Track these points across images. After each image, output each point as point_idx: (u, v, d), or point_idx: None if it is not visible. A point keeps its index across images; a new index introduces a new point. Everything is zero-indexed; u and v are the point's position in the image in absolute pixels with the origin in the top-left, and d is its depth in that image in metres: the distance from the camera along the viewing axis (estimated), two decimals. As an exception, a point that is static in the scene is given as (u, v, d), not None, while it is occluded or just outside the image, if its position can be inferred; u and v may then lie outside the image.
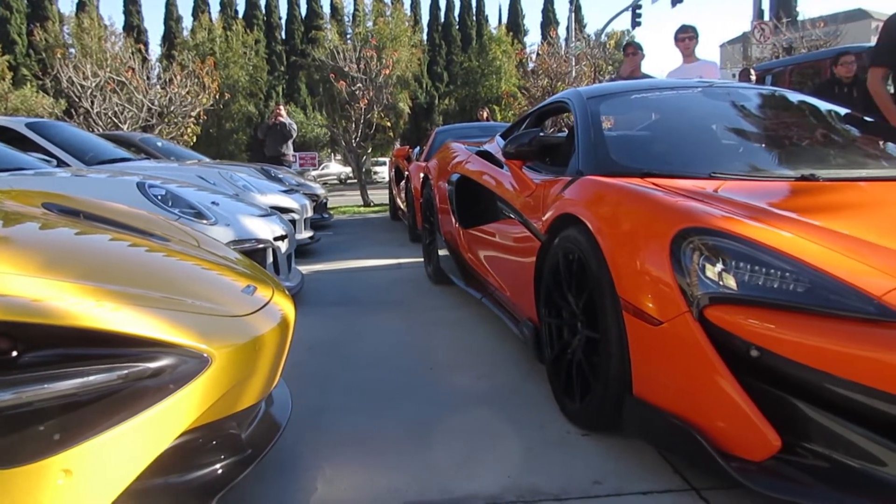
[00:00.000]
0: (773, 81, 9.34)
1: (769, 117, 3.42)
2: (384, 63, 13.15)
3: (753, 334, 1.73)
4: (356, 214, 11.68)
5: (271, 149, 11.23)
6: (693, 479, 1.94)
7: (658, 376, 1.96)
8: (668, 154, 2.92)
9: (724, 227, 1.90)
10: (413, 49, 27.04)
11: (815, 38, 16.52)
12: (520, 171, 3.22)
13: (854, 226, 1.99)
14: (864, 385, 1.62)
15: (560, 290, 2.47)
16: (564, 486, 1.93)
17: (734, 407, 1.73)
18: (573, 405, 2.33)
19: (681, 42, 6.07)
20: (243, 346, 1.69)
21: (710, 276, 1.82)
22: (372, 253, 6.58)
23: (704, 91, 3.46)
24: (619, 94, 3.49)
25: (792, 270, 1.75)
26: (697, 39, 6.11)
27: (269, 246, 4.05)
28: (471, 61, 33.58)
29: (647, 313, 1.94)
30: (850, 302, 1.67)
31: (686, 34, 6.06)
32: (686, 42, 6.05)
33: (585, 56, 15.66)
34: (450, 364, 3.08)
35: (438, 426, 2.40)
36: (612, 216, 2.24)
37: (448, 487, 1.95)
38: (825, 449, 1.68)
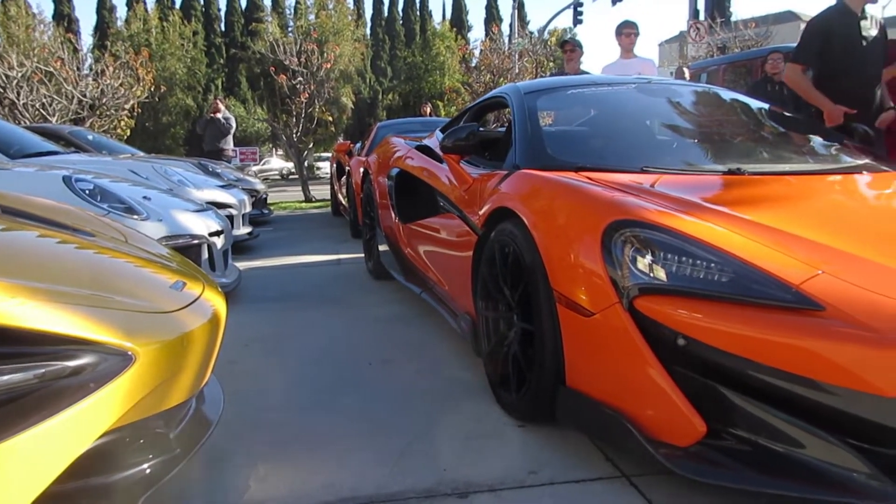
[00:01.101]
0: (708, 79, 9.60)
1: (701, 114, 3.52)
2: (325, 57, 12.99)
3: (681, 324, 1.78)
4: (297, 210, 11.52)
5: (209, 144, 11.02)
6: (624, 466, 1.98)
7: (590, 367, 1.99)
8: (602, 149, 2.97)
9: (653, 219, 1.95)
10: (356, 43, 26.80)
11: (747, 39, 17.07)
12: (457, 166, 3.23)
13: (776, 217, 2.07)
14: (784, 371, 1.68)
15: (496, 283, 2.48)
16: (500, 478, 1.94)
17: (662, 395, 1.78)
18: (509, 397, 2.35)
19: (625, 37, 6.16)
20: (170, 343, 1.64)
21: (640, 267, 1.86)
22: (312, 249, 6.50)
23: (639, 87, 3.53)
24: (555, 89, 3.53)
25: (717, 261, 1.80)
26: (638, 35, 6.22)
27: (203, 242, 3.96)
28: (414, 56, 33.47)
29: (579, 305, 1.97)
30: (770, 291, 1.73)
31: (630, 29, 6.17)
32: (629, 37, 6.16)
33: (527, 52, 15.80)
34: (388, 359, 3.06)
35: (376, 421, 2.39)
36: (545, 209, 2.26)
37: (383, 482, 1.94)
38: (749, 433, 1.74)
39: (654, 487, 1.86)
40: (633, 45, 6.21)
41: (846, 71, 4.00)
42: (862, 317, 1.64)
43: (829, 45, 4.02)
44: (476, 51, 21.33)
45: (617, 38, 6.21)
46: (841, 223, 2.16)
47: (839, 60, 4.02)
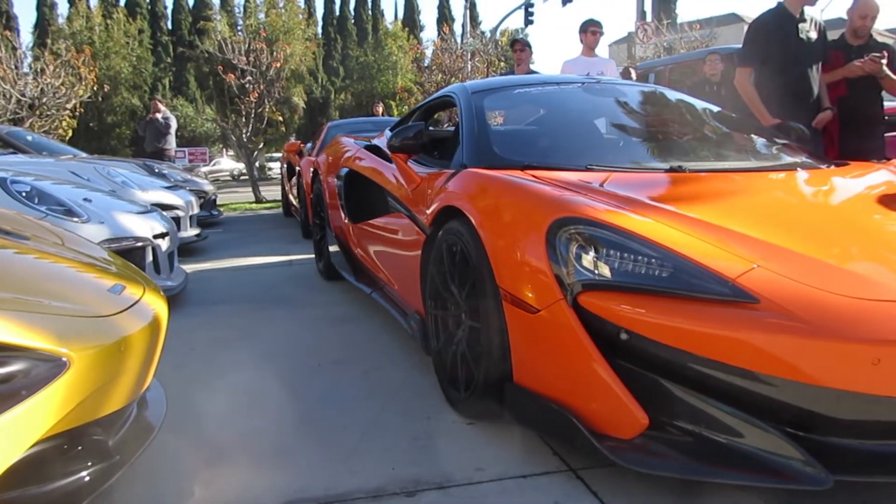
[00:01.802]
0: (656, 80, 9.78)
1: (646, 113, 3.58)
2: (275, 56, 12.83)
3: (623, 318, 1.81)
4: (248, 211, 11.36)
5: (150, 145, 10.83)
6: (571, 460, 2.00)
7: (536, 363, 2.01)
8: (548, 147, 3.01)
9: (596, 216, 1.98)
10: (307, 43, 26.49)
11: (692, 40, 17.46)
12: (405, 165, 3.23)
13: (714, 213, 2.12)
14: (722, 362, 1.73)
15: (444, 282, 2.49)
16: (448, 475, 1.95)
17: (606, 389, 1.80)
18: (458, 395, 2.36)
19: (591, 35, 6.25)
20: (107, 348, 1.61)
21: (585, 264, 1.88)
22: (262, 250, 6.42)
23: (586, 87, 3.58)
24: (502, 88, 3.56)
25: (657, 257, 1.84)
26: (602, 35, 6.34)
27: (147, 244, 3.87)
28: (367, 56, 33.28)
29: (525, 302, 1.98)
30: (708, 285, 1.78)
31: (595, 27, 6.27)
32: (595, 35, 6.26)
33: (479, 52, 15.88)
34: (339, 360, 3.04)
35: (325, 422, 2.37)
36: (491, 208, 2.28)
37: (331, 483, 1.93)
38: (690, 424, 1.78)
39: (600, 480, 1.89)
40: (597, 44, 6.32)
41: (785, 71, 4.12)
42: (794, 309, 1.69)
43: (769, 47, 4.14)
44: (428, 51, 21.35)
45: (581, 35, 6.30)
46: (776, 218, 2.22)
47: (778, 61, 4.13)
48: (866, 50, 4.27)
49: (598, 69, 5.94)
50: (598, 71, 5.91)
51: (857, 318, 1.68)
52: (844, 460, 1.70)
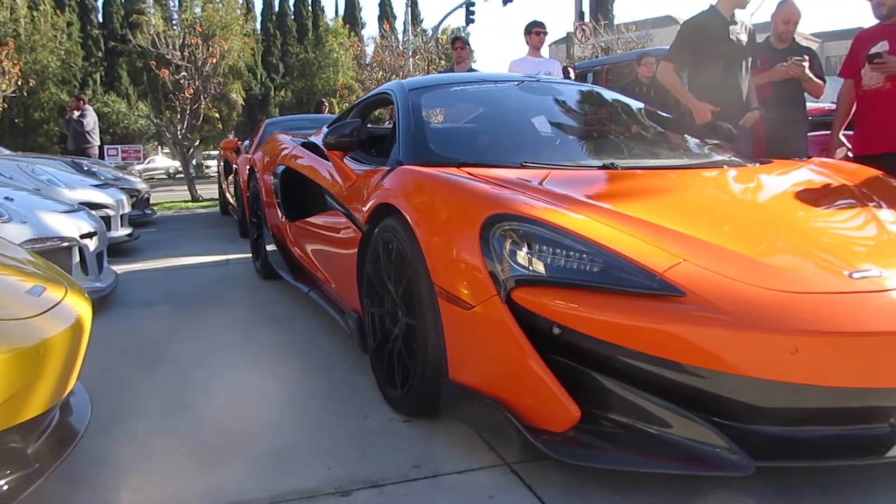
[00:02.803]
0: (593, 79, 9.96)
1: (581, 112, 3.64)
2: (211, 51, 12.53)
3: (555, 313, 1.84)
4: (183, 210, 11.08)
5: (71, 143, 10.47)
6: (507, 454, 2.02)
7: (471, 359, 2.02)
8: (484, 145, 3.03)
9: (529, 213, 2.00)
10: (246, 38, 25.95)
11: (629, 41, 17.83)
12: (341, 162, 3.20)
13: (644, 209, 2.17)
14: (651, 355, 1.77)
15: (381, 279, 2.48)
16: (383, 473, 1.94)
17: (539, 383, 1.83)
18: (395, 392, 2.35)
19: (535, 35, 6.34)
20: (25, 352, 1.54)
21: (520, 260, 1.90)
22: (198, 249, 6.27)
23: (522, 85, 3.61)
24: (440, 86, 3.56)
25: (588, 252, 1.87)
26: (546, 35, 6.44)
27: (74, 244, 3.74)
28: (307, 53, 32.84)
29: (459, 298, 1.99)
30: (637, 279, 1.82)
31: (539, 28, 6.36)
32: (539, 36, 6.35)
33: (420, 51, 15.87)
34: (275, 359, 3.00)
35: (260, 423, 2.33)
36: (426, 205, 2.28)
37: (266, 485, 1.90)
38: (621, 416, 1.82)
39: (535, 473, 1.92)
40: (542, 44, 6.41)
41: (715, 72, 4.24)
42: (718, 301, 1.75)
43: (700, 47, 4.26)
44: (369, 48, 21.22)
45: (526, 35, 6.39)
46: (703, 214, 2.28)
47: (709, 62, 4.26)
48: (790, 53, 4.44)
49: (545, 69, 6.03)
50: (545, 71, 5.99)
51: (776, 310, 1.74)
52: (766, 447, 1.77)
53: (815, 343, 1.71)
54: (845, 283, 1.85)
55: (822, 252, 2.02)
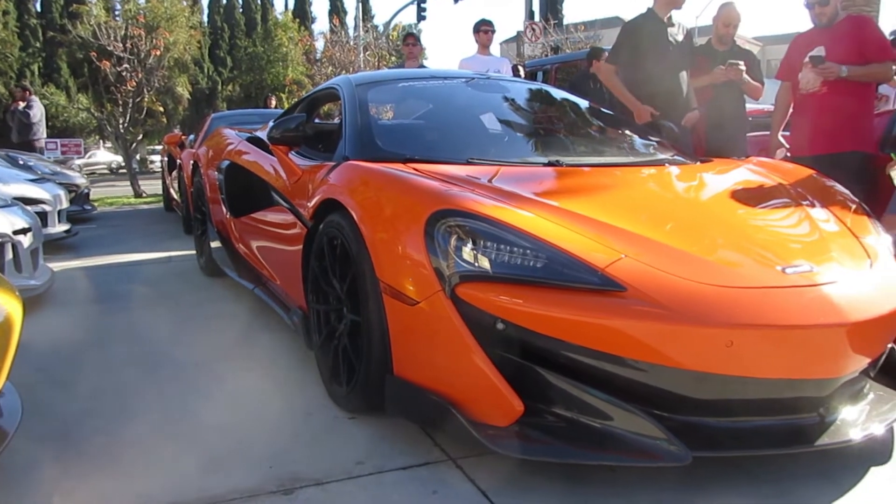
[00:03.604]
0: (543, 78, 10.05)
1: (529, 109, 3.66)
2: (154, 43, 12.20)
3: (499, 308, 1.85)
4: (125, 206, 10.77)
5: (16, 136, 10.11)
6: (451, 450, 2.03)
7: (415, 354, 2.02)
8: (430, 141, 3.02)
9: (474, 209, 2.00)
10: (192, 31, 25.38)
11: (577, 41, 18.08)
12: (286, 157, 3.15)
13: (587, 206, 2.20)
14: (592, 349, 1.80)
15: (326, 275, 2.45)
16: (327, 471, 1.92)
17: (482, 378, 1.84)
18: (340, 389, 2.33)
19: (485, 34, 6.37)
20: (-53, 351, 1.48)
21: (465, 256, 1.90)
22: (140, 246, 6.10)
23: (471, 82, 3.61)
24: (387, 81, 3.54)
25: (532, 248, 1.89)
26: (495, 33, 6.48)
27: (6, 240, 3.59)
28: (256, 47, 32.29)
29: (404, 294, 1.99)
30: (579, 274, 1.84)
31: (487, 27, 6.39)
32: (487, 34, 6.37)
33: (370, 46, 15.77)
34: (218, 358, 2.94)
35: (201, 424, 2.28)
36: (371, 200, 2.27)
37: (206, 486, 1.86)
38: (563, 410, 1.84)
39: (479, 468, 1.92)
40: (490, 42, 6.44)
41: (654, 72, 4.33)
42: (657, 296, 1.78)
43: (640, 49, 4.35)
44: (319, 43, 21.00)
45: (475, 34, 6.41)
46: (645, 211, 2.32)
47: (648, 63, 4.34)
48: (730, 56, 4.56)
49: (494, 67, 6.05)
50: (495, 69, 6.01)
51: (713, 304, 1.79)
52: (703, 438, 1.82)
53: (749, 336, 1.76)
54: (778, 279, 1.91)
55: (757, 248, 2.09)
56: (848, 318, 1.82)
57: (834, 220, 2.36)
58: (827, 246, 2.15)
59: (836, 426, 1.89)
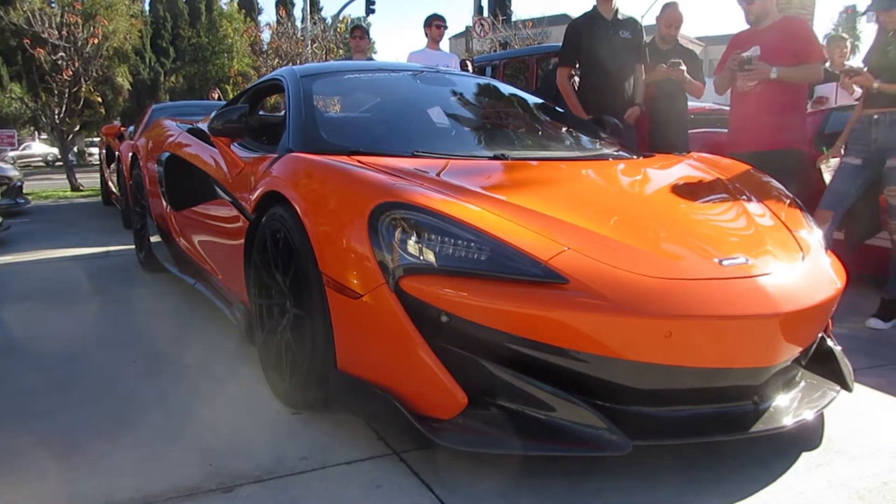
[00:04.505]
0: (492, 73, 10.09)
1: (476, 104, 3.66)
2: (92, 31, 11.80)
3: (444, 301, 1.84)
4: (62, 200, 10.41)
5: None
6: (395, 444, 2.02)
7: (359, 348, 2.00)
8: (376, 133, 3.00)
9: (418, 201, 1.99)
10: (133, 20, 24.65)
11: (526, 37, 18.21)
12: (228, 149, 3.08)
13: (531, 199, 2.21)
14: (535, 340, 1.81)
15: (269, 269, 2.41)
16: (269, 467, 1.89)
17: (426, 371, 1.83)
18: (283, 384, 2.30)
19: (437, 29, 6.35)
20: None
21: (410, 249, 1.89)
22: (76, 241, 5.90)
23: (418, 76, 3.59)
24: (332, 73, 3.50)
25: (476, 241, 1.89)
26: (446, 29, 6.46)
27: (-70, 234, 3.43)
28: (200, 37, 31.56)
29: (347, 287, 1.96)
30: (522, 267, 1.85)
31: (439, 22, 6.38)
32: (439, 29, 6.35)
33: (318, 39, 15.58)
34: (158, 355, 2.86)
35: (139, 421, 2.22)
36: (314, 193, 2.23)
37: (142, 485, 1.81)
38: (507, 401, 1.85)
39: (424, 461, 1.92)
40: (441, 38, 6.43)
41: (599, 69, 4.40)
42: (599, 288, 1.81)
43: (584, 47, 4.41)
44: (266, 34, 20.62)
45: (426, 28, 6.39)
46: (588, 204, 2.35)
47: (593, 61, 4.41)
48: (672, 55, 4.66)
49: (443, 62, 6.04)
50: (444, 64, 6.00)
51: (652, 295, 1.82)
52: (644, 427, 1.85)
53: (687, 326, 1.80)
54: (716, 271, 1.95)
55: (696, 241, 2.13)
56: (781, 309, 1.87)
57: (769, 215, 2.43)
58: (762, 239, 2.21)
59: (770, 413, 1.95)
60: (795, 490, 1.80)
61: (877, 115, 3.40)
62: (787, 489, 1.81)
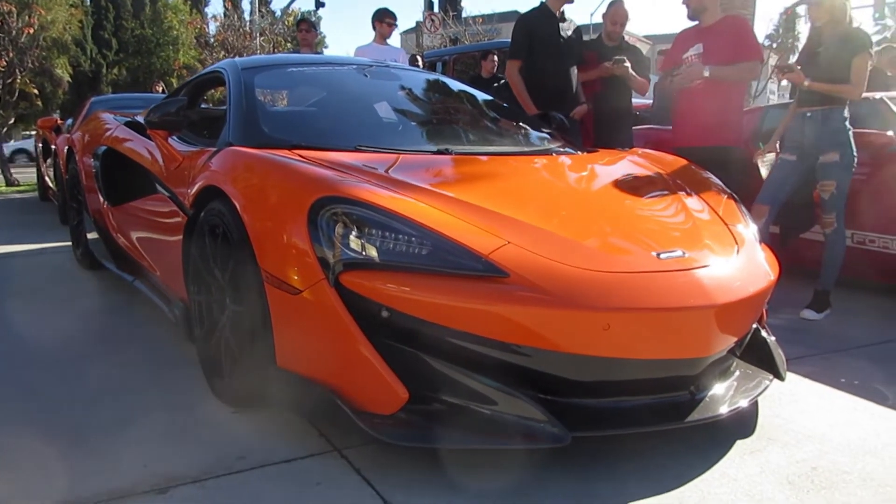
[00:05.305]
0: (442, 69, 10.08)
1: (423, 99, 3.64)
2: (28, 21, 11.37)
3: (385, 296, 1.83)
4: (-4, 195, 10.04)
5: None
6: (337, 441, 2.00)
7: (299, 344, 1.97)
8: (320, 127, 2.95)
9: (359, 195, 1.97)
10: (73, 10, 23.86)
11: (476, 33, 18.25)
12: (165, 143, 3.00)
13: (473, 193, 2.21)
14: (476, 335, 1.81)
15: (207, 265, 2.36)
16: (206, 467, 1.85)
17: (367, 366, 1.81)
18: (222, 382, 2.25)
19: (387, 26, 6.28)
20: None
21: (352, 245, 1.87)
22: (10, 238, 5.69)
23: (362, 70, 3.55)
24: (275, 66, 3.44)
25: (417, 235, 1.88)
26: (396, 27, 6.41)
27: None
28: (143, 29, 30.75)
29: (287, 283, 1.93)
30: (463, 261, 1.85)
31: (390, 19, 6.31)
32: (388, 26, 6.30)
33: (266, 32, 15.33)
34: (92, 354, 2.78)
35: (70, 423, 2.15)
36: (254, 187, 2.19)
37: (74, 488, 1.75)
38: (448, 396, 1.85)
39: (365, 457, 1.91)
40: (391, 35, 6.39)
41: (547, 66, 4.42)
42: (539, 281, 1.82)
43: (533, 42, 4.43)
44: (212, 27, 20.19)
45: (376, 23, 6.32)
46: (531, 199, 2.36)
47: (541, 56, 4.43)
48: (618, 52, 4.71)
49: (391, 57, 6.00)
50: (392, 58, 5.95)
51: (591, 289, 1.83)
52: (583, 418, 1.87)
53: (625, 319, 1.82)
54: (654, 264, 1.99)
55: (635, 235, 2.17)
56: (716, 301, 1.91)
57: (707, 209, 2.48)
58: (699, 233, 2.25)
59: (706, 402, 2.00)
60: (729, 477, 1.85)
61: (809, 112, 3.51)
62: (722, 476, 1.85)
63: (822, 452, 1.99)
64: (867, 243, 3.90)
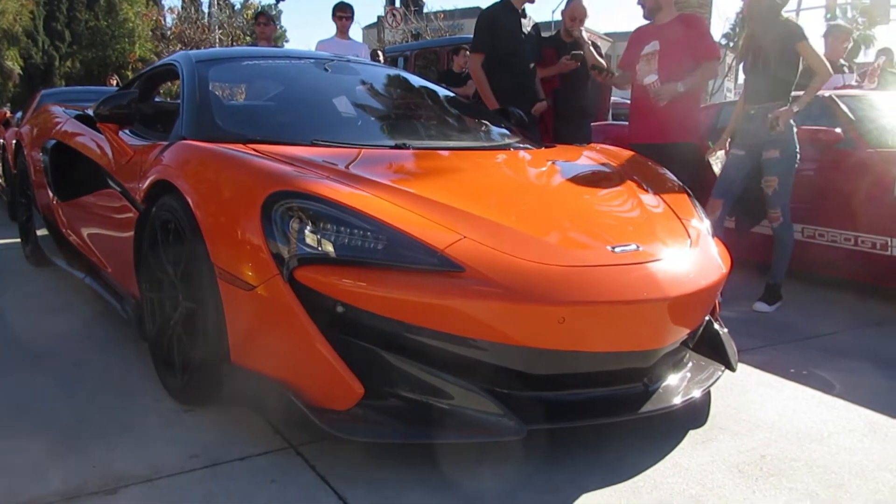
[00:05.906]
0: (403, 64, 10.04)
1: (382, 94, 3.62)
2: (-25, 11, 11.01)
3: (340, 291, 1.81)
4: (-57, 191, 9.68)
5: None
6: (292, 437, 1.98)
7: (253, 341, 1.95)
8: (274, 121, 2.92)
9: (314, 190, 1.96)
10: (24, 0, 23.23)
11: (438, 29, 18.25)
12: (116, 136, 2.94)
13: (430, 188, 2.20)
14: (432, 329, 1.81)
15: (159, 261, 2.31)
16: (157, 467, 1.81)
17: (322, 362, 1.80)
18: (175, 381, 2.21)
19: (340, 20, 6.23)
20: None
21: (308, 240, 1.85)
22: (-44, 235, 5.50)
23: (320, 64, 3.51)
24: (230, 59, 3.39)
25: (372, 230, 1.87)
26: (352, 21, 6.36)
27: None
28: (98, 21, 30.06)
29: (240, 279, 1.91)
30: (418, 256, 1.85)
31: (345, 13, 6.26)
32: (344, 20, 6.25)
33: (224, 25, 15.10)
34: (42, 353, 2.70)
35: (18, 422, 2.10)
36: (206, 182, 2.16)
37: (18, 491, 1.70)
38: (404, 391, 1.84)
39: (321, 454, 1.89)
40: (348, 28, 6.34)
41: (508, 62, 4.44)
42: (494, 276, 1.82)
43: (496, 37, 4.44)
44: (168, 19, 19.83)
45: (333, 18, 6.27)
46: (488, 194, 2.37)
47: (503, 51, 4.44)
48: (575, 47, 4.75)
49: (352, 52, 5.95)
50: (353, 53, 5.91)
51: (545, 282, 1.85)
52: (539, 411, 1.88)
53: (579, 312, 1.84)
54: (608, 257, 2.01)
55: (590, 229, 2.19)
56: (669, 294, 1.94)
57: (661, 204, 2.52)
58: (653, 227, 2.28)
59: (660, 394, 2.03)
60: (681, 466, 1.88)
61: (753, 110, 3.59)
62: (674, 466, 1.88)
63: (770, 441, 2.04)
64: (817, 237, 4.00)
